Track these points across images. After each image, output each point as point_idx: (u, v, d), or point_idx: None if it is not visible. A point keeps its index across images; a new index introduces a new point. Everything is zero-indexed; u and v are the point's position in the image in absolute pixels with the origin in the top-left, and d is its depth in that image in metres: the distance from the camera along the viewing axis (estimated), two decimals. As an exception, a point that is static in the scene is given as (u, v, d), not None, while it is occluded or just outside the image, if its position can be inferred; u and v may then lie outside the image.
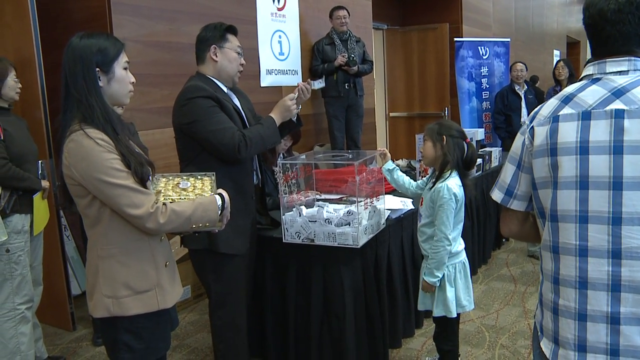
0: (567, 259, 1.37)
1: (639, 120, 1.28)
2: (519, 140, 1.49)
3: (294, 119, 2.72)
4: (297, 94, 2.66)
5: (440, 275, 2.65)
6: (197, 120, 2.41)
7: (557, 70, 6.72)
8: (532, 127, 1.43)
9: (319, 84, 2.82)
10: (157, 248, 1.86)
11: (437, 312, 2.75)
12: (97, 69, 1.76)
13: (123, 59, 1.84)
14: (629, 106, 1.30)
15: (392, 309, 3.14)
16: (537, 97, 6.90)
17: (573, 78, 6.67)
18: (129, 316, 1.79)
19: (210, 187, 1.97)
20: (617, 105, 1.31)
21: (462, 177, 2.68)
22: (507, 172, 1.52)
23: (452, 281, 2.72)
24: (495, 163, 5.09)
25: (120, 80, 1.83)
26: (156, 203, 1.74)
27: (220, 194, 1.91)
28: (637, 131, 1.28)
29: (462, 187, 2.66)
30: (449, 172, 2.64)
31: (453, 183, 2.61)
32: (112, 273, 1.78)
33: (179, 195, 1.87)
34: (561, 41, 14.44)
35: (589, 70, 1.42)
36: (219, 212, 1.87)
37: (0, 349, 2.95)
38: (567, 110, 1.37)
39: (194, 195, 1.89)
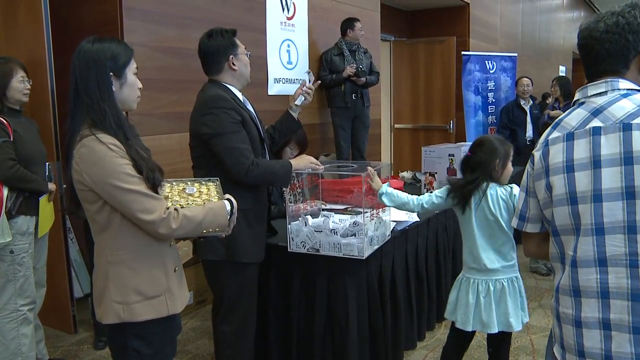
0: (567, 269, 1.46)
1: (613, 135, 1.37)
2: (526, 169, 1.61)
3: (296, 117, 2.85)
4: (304, 97, 2.75)
5: None
6: (217, 134, 2.43)
7: (552, 88, 6.81)
8: (532, 154, 1.56)
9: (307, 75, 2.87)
10: (166, 253, 1.86)
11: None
12: (111, 74, 1.76)
13: (133, 64, 1.85)
14: (605, 123, 1.40)
15: (395, 320, 3.13)
16: (542, 113, 6.93)
17: (568, 97, 6.71)
18: (140, 323, 1.78)
19: (215, 192, 1.98)
20: (595, 123, 1.42)
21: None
22: (520, 200, 1.64)
23: (457, 288, 2.72)
24: (500, 177, 5.08)
25: (132, 85, 1.84)
26: (168, 209, 1.74)
27: (229, 199, 1.92)
28: (611, 145, 1.37)
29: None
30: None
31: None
32: (122, 279, 1.77)
33: (187, 201, 1.87)
34: (567, 57, 14.47)
35: (577, 95, 1.54)
36: (228, 217, 1.88)
37: (2, 350, 2.94)
38: (555, 134, 1.50)
39: (202, 200, 1.89)
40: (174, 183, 1.99)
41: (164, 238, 1.80)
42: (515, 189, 2.56)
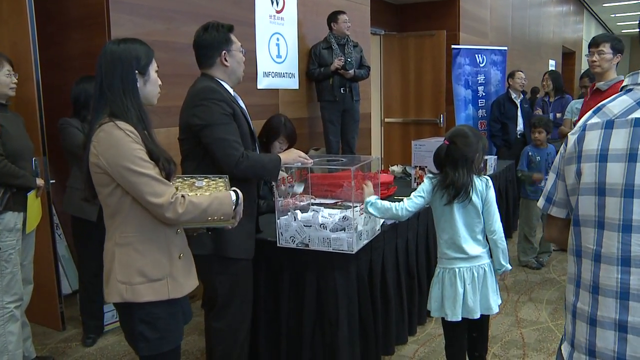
0: (586, 262, 1.39)
1: None
2: (559, 151, 1.54)
3: None
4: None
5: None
6: (207, 125, 2.42)
7: (543, 82, 6.85)
8: (567, 136, 1.47)
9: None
10: (172, 239, 1.95)
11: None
12: (136, 72, 1.90)
13: (154, 63, 2.00)
14: None
15: (386, 315, 3.13)
16: (532, 107, 6.97)
17: (560, 91, 6.73)
18: (143, 307, 1.88)
19: (223, 187, 2.10)
20: (638, 114, 1.31)
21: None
22: (549, 181, 1.56)
23: (440, 282, 2.71)
24: (490, 171, 5.08)
25: (154, 82, 2.00)
26: (175, 194, 1.85)
27: (235, 191, 2.03)
28: None
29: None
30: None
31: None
32: (127, 260, 1.87)
33: (195, 194, 1.99)
34: (557, 51, 14.52)
35: (626, 81, 1.43)
36: (233, 207, 1.98)
37: (-12, 347, 2.92)
38: (594, 119, 1.39)
39: (209, 193, 2.01)
40: (184, 178, 2.14)
41: (170, 222, 1.90)
42: (490, 181, 2.72)
